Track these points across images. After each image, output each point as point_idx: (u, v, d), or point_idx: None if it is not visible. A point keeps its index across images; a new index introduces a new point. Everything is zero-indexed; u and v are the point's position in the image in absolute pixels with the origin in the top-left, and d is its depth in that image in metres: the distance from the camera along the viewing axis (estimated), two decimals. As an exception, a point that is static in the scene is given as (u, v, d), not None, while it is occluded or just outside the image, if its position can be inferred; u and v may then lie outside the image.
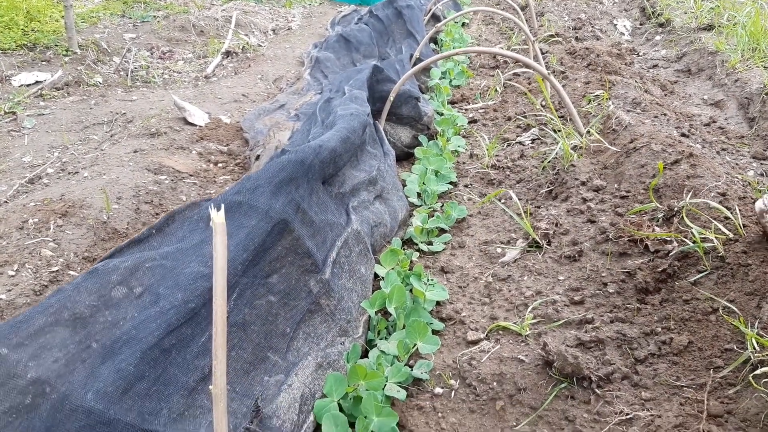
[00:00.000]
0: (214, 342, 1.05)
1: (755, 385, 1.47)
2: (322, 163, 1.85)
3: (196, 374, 1.38)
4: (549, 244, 2.33)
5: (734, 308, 1.69)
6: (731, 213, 1.97)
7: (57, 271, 2.23)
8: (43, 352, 1.25)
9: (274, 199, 1.59)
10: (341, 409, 1.63)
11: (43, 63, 4.97)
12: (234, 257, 1.48)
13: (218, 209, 1.04)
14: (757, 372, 1.48)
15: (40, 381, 1.20)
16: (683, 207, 2.08)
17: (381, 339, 1.93)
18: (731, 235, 1.92)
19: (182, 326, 1.36)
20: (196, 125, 3.69)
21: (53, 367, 1.23)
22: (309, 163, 1.76)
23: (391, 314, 1.99)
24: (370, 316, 1.97)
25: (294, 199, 1.66)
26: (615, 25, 6.08)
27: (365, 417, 1.57)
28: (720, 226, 1.96)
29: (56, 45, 5.23)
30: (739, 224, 1.93)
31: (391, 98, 2.98)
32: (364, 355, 1.90)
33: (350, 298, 1.86)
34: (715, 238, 1.90)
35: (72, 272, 2.24)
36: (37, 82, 4.54)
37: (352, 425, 1.60)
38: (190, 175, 3.06)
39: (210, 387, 1.08)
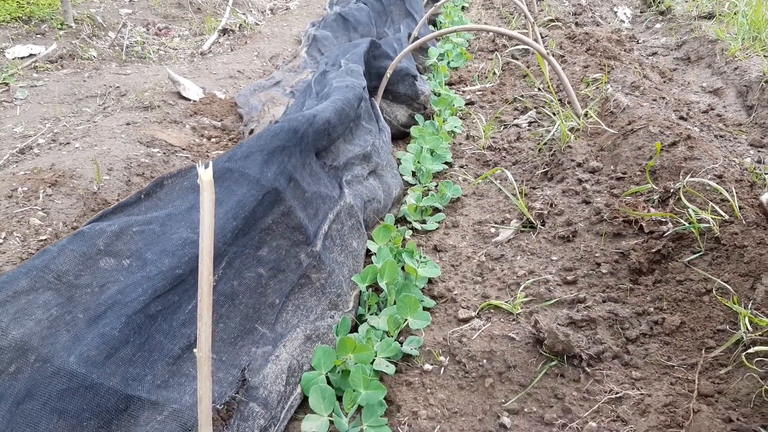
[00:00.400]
0: (200, 303, 1.03)
1: (747, 364, 1.46)
2: (315, 133, 1.82)
3: (181, 342, 1.35)
4: (543, 225, 2.31)
5: (729, 288, 1.68)
6: (729, 195, 1.95)
7: (45, 240, 2.20)
8: (26, 313, 1.22)
9: (266, 167, 1.56)
10: (329, 383, 1.62)
11: (38, 36, 4.91)
12: (223, 225, 1.45)
13: (206, 167, 1.01)
14: (750, 351, 1.47)
15: (21, 342, 1.18)
16: (680, 188, 2.06)
17: (371, 314, 1.91)
18: (727, 217, 1.90)
19: (169, 293, 1.34)
20: (190, 100, 3.65)
21: (36, 329, 1.21)
22: (302, 132, 1.73)
23: (382, 290, 1.97)
24: (361, 291, 1.95)
25: (286, 169, 1.63)
26: (615, 12, 6.04)
27: (353, 390, 1.56)
28: (716, 207, 1.94)
29: (51, 18, 5.16)
30: (736, 206, 1.91)
31: (388, 74, 2.95)
32: (354, 329, 1.88)
33: (341, 272, 1.83)
34: (712, 218, 1.88)
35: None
36: (31, 55, 4.49)
37: (339, 399, 1.59)
38: (183, 149, 3.03)
39: (195, 351, 1.06)
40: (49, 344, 1.18)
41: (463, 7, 6.58)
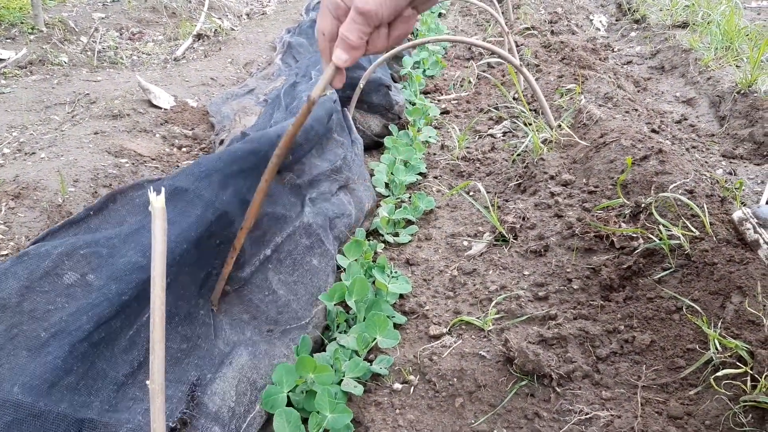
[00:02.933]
0: (152, 335, 0.99)
1: (716, 387, 1.45)
2: None
3: (124, 368, 1.31)
4: (515, 238, 2.29)
5: (697, 308, 1.67)
6: (700, 210, 1.94)
7: (6, 255, 2.14)
8: None
9: (222, 190, 1.52)
10: (290, 402, 1.58)
11: (8, 41, 4.83)
12: (173, 248, 1.41)
13: (158, 193, 0.97)
14: (719, 374, 1.46)
15: None
16: (651, 203, 2.05)
17: (340, 332, 1.88)
18: (698, 233, 1.89)
19: (112, 319, 1.30)
20: (161, 108, 3.59)
21: None
22: (263, 154, 1.68)
23: (352, 307, 1.94)
24: (327, 308, 1.92)
25: (241, 192, 1.58)
26: (591, 20, 6.07)
27: (318, 413, 1.52)
28: (687, 223, 1.93)
29: (22, 22, 5.08)
30: (707, 222, 1.90)
31: (361, 85, 2.92)
32: (321, 347, 1.85)
33: (293, 291, 1.79)
34: (682, 235, 1.87)
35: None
36: (0, 60, 4.41)
37: (305, 421, 1.55)
38: (153, 159, 2.97)
39: (147, 382, 1.02)
40: None
41: (440, 14, 6.58)
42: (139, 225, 1.44)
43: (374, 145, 3.29)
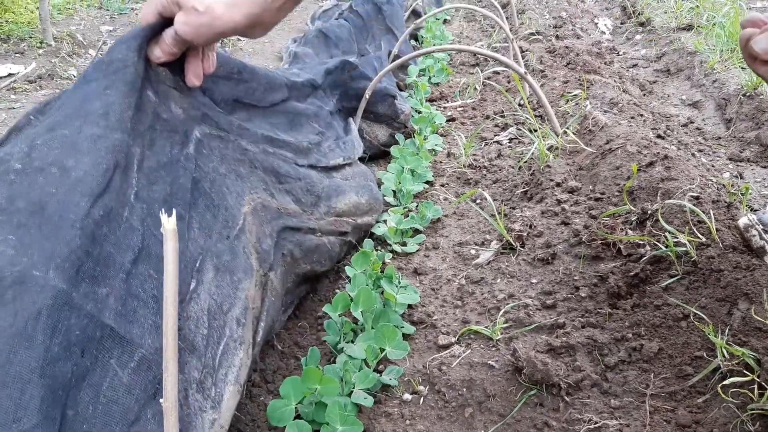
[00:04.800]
0: (165, 354, 1.01)
1: (723, 395, 1.46)
2: None
3: (128, 255, 1.26)
4: (523, 246, 2.30)
5: (704, 315, 1.68)
6: (706, 217, 1.95)
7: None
8: None
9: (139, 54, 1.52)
10: (298, 415, 1.60)
11: (17, 55, 4.88)
12: (121, 116, 1.40)
13: (169, 214, 1.00)
14: (726, 382, 1.46)
15: None
16: (657, 210, 2.06)
17: (347, 342, 1.90)
18: (704, 240, 1.90)
19: (104, 195, 1.23)
20: (169, 121, 3.62)
21: (9, 252, 1.11)
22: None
23: (359, 318, 1.95)
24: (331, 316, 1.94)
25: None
26: (596, 23, 6.07)
27: (329, 425, 1.54)
28: (694, 229, 1.94)
29: (30, 37, 5.13)
30: (713, 228, 1.91)
31: (367, 95, 2.94)
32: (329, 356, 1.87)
33: (224, 183, 1.78)
34: (688, 241, 1.88)
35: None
36: (10, 74, 4.46)
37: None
38: (162, 173, 3.00)
39: (161, 400, 1.04)
40: (26, 267, 1.08)
41: (444, 21, 6.60)
42: (80, 98, 1.42)
43: (381, 155, 3.31)
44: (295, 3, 1.44)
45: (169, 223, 0.99)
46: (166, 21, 1.42)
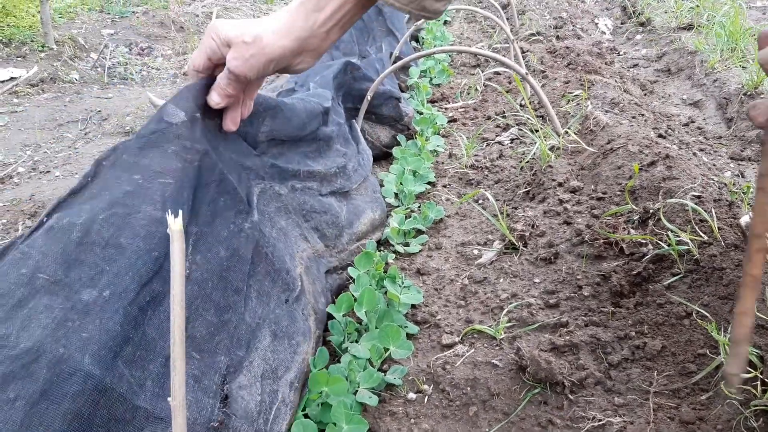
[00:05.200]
0: (173, 353, 1.02)
1: (727, 392, 1.46)
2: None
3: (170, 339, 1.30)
4: (525, 246, 2.31)
5: (706, 313, 1.68)
6: (708, 215, 1.96)
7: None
8: (31, 320, 1.18)
9: (194, 125, 1.52)
10: (306, 416, 1.61)
11: (19, 59, 4.90)
12: (176, 198, 1.41)
13: (176, 215, 1.00)
14: (729, 378, 1.47)
15: (33, 349, 1.13)
16: (659, 209, 2.07)
17: (351, 342, 1.91)
18: (706, 238, 1.91)
19: (152, 280, 1.28)
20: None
21: (44, 333, 1.16)
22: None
23: (362, 318, 1.96)
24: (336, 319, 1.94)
25: (210, 128, 1.59)
26: (596, 24, 6.09)
27: (335, 424, 1.55)
28: (696, 228, 1.95)
29: (32, 41, 5.15)
30: (715, 227, 1.92)
31: (368, 97, 2.95)
32: (334, 357, 1.88)
33: (281, 247, 1.79)
34: (690, 240, 1.89)
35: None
36: (12, 78, 4.47)
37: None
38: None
39: (169, 399, 1.04)
40: (62, 346, 1.14)
41: (445, 22, 6.61)
42: (138, 176, 1.45)
43: (383, 156, 3.32)
44: (342, 30, 1.44)
45: (175, 224, 1.00)
46: (216, 68, 1.47)
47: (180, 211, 1.07)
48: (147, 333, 1.25)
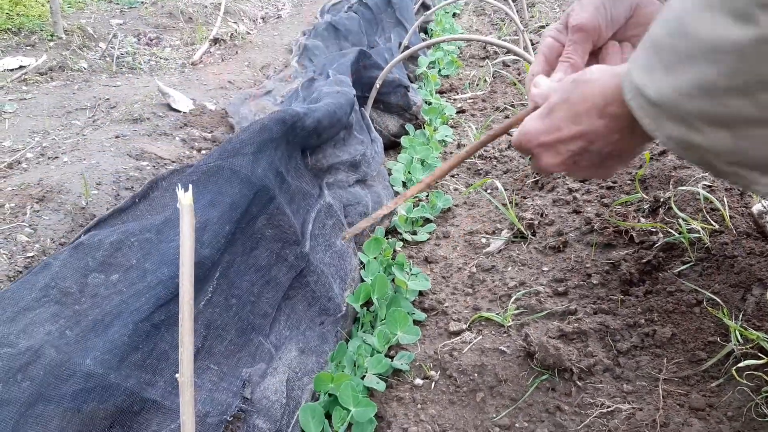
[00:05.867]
0: (181, 329, 1.01)
1: (738, 378, 1.45)
2: (304, 129, 1.80)
3: None
4: (534, 235, 2.30)
5: (718, 300, 1.67)
6: (719, 204, 1.94)
7: (32, 257, 2.18)
8: (34, 326, 1.23)
9: (256, 163, 1.54)
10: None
11: (28, 48, 4.89)
12: (217, 231, 1.44)
13: (186, 189, 1.00)
14: (740, 365, 1.46)
15: (33, 349, 1.18)
16: (669, 198, 2.05)
17: (365, 332, 1.90)
18: (717, 227, 1.89)
19: (170, 303, 1.34)
20: (180, 111, 3.63)
21: (46, 338, 1.22)
22: (291, 124, 1.70)
23: (372, 303, 1.95)
24: (356, 310, 1.94)
25: (274, 162, 1.61)
26: (606, 17, 6.04)
27: (343, 408, 1.54)
28: (707, 216, 1.93)
29: (41, 30, 5.14)
30: (727, 215, 1.90)
31: (377, 85, 2.94)
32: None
33: (330, 273, 1.82)
34: (701, 228, 1.87)
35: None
36: (21, 67, 4.47)
37: (328, 416, 1.57)
38: (173, 162, 3.01)
39: (177, 375, 1.04)
40: (63, 352, 1.19)
41: (454, 14, 6.59)
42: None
43: (391, 145, 3.31)
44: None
45: (185, 197, 0.99)
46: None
47: (190, 186, 1.06)
48: (159, 346, 1.29)
